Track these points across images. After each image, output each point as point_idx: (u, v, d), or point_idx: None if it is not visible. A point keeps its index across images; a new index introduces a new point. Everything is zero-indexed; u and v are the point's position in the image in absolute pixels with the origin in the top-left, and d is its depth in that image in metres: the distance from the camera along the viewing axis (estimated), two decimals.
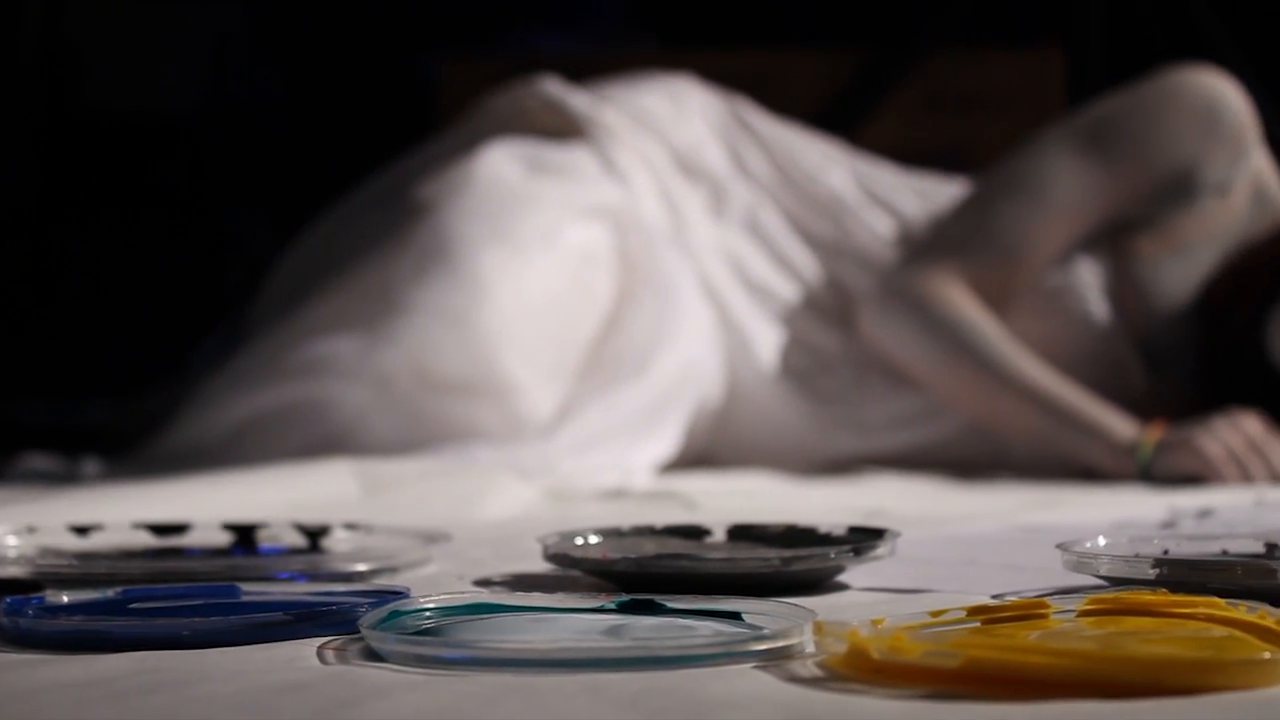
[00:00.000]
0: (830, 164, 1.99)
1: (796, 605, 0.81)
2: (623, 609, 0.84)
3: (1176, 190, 1.85)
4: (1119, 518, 1.38)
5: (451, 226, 1.71)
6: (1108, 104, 1.89)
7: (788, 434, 1.90)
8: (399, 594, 0.87)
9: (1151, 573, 0.88)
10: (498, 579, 1.01)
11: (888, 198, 1.97)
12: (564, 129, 1.89)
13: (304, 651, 0.77)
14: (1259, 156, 1.89)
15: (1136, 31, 2.47)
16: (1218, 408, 1.78)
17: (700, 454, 1.88)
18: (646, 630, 0.81)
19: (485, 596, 0.87)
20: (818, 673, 0.73)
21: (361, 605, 0.83)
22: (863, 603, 0.92)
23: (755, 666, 0.74)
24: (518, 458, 1.61)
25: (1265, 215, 1.87)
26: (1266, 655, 0.69)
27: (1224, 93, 1.86)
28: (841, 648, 0.72)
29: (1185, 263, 1.85)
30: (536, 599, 0.87)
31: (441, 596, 0.84)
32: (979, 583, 0.98)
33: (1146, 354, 1.87)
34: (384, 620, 0.79)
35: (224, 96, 3.25)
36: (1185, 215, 1.85)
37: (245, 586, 0.89)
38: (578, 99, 1.91)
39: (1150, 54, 1.95)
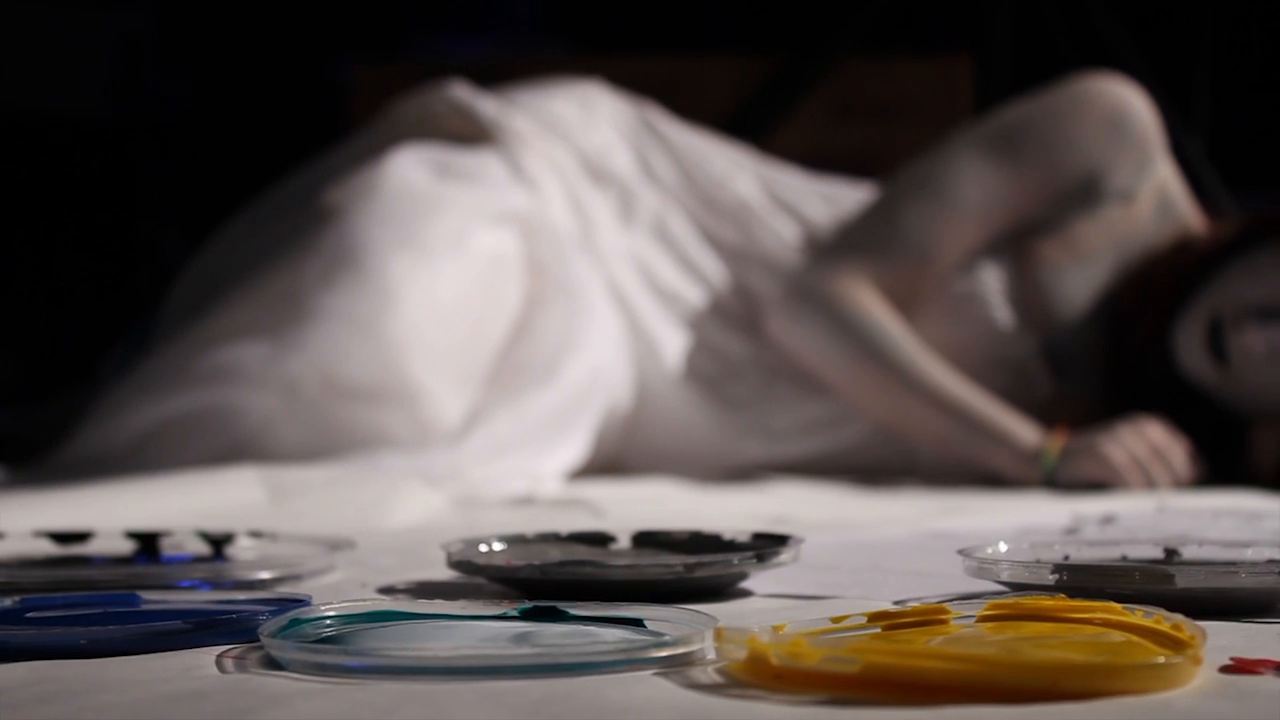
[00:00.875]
0: (738, 170, 1.99)
1: (698, 612, 0.81)
2: (525, 616, 0.84)
3: (1082, 196, 1.87)
4: (1023, 524, 1.38)
5: (359, 232, 1.70)
6: (1017, 109, 1.91)
7: (696, 440, 1.90)
8: (300, 602, 0.87)
9: (1051, 578, 0.89)
10: (401, 586, 1.00)
11: (794, 203, 1.97)
12: (473, 134, 1.89)
13: (203, 660, 0.77)
14: (1164, 165, 1.91)
15: (1043, 40, 2.49)
16: (1123, 414, 1.80)
17: (609, 460, 1.88)
18: (548, 637, 0.80)
19: (387, 604, 0.86)
20: (718, 679, 0.73)
21: (262, 613, 0.82)
22: (766, 609, 0.93)
23: (656, 673, 0.74)
24: (425, 465, 1.60)
25: (1170, 223, 1.89)
26: (1161, 659, 0.69)
27: (1131, 101, 1.87)
28: (741, 654, 0.72)
29: (1089, 269, 1.87)
30: (439, 606, 0.86)
31: (343, 604, 0.84)
32: (882, 589, 0.99)
33: (1051, 359, 1.88)
34: (284, 628, 0.79)
35: (134, 100, 3.22)
36: (1090, 222, 1.87)
37: (146, 595, 0.89)
38: (486, 104, 1.91)
39: (1056, 62, 1.96)
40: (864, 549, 1.19)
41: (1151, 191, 1.89)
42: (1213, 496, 1.67)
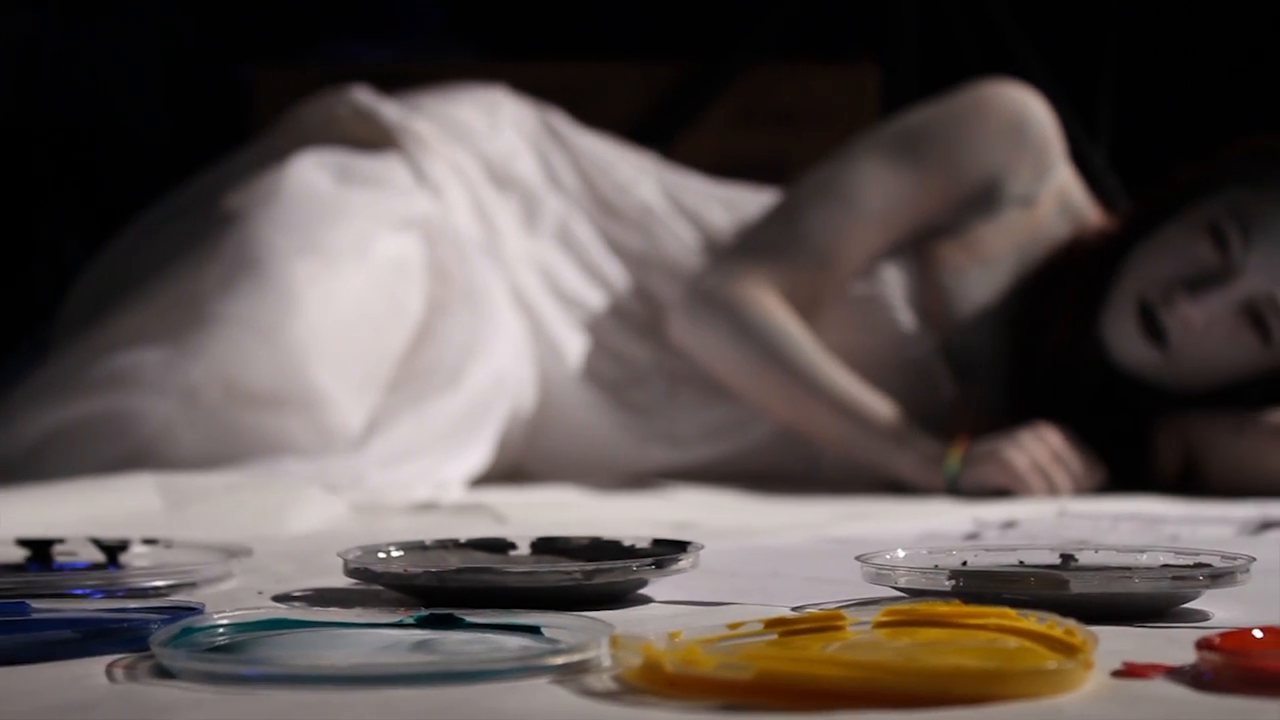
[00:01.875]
0: (640, 176, 1.99)
1: (595, 619, 0.81)
2: (421, 624, 0.84)
3: (983, 200, 1.88)
4: (925, 529, 1.39)
5: (260, 237, 1.69)
6: (918, 114, 1.92)
7: (599, 445, 1.90)
8: (193, 610, 0.86)
9: (947, 584, 0.89)
10: (298, 594, 1.00)
11: (697, 209, 1.97)
12: (376, 139, 1.88)
13: (93, 670, 0.76)
14: (1064, 171, 1.92)
15: (948, 48, 2.51)
16: (1028, 417, 1.81)
17: (512, 466, 1.88)
18: (446, 645, 0.80)
19: (282, 612, 0.85)
20: (613, 686, 0.73)
21: (154, 622, 0.81)
22: (664, 615, 0.92)
23: (552, 681, 0.73)
24: (327, 471, 1.59)
25: (1071, 225, 1.90)
26: (1052, 665, 0.70)
27: (1031, 106, 1.89)
28: (636, 661, 0.72)
29: (990, 272, 1.88)
30: (334, 614, 0.86)
31: (236, 612, 0.83)
32: (781, 595, 0.99)
33: (953, 362, 1.89)
34: (175, 637, 0.78)
35: (32, 102, 3.19)
36: (991, 225, 1.88)
37: (37, 604, 0.88)
38: (389, 109, 1.90)
39: (962, 70, 1.98)
40: (764, 555, 1.19)
41: (1052, 195, 1.90)
42: (1114, 501, 1.68)
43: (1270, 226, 1.72)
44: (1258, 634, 0.77)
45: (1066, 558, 0.98)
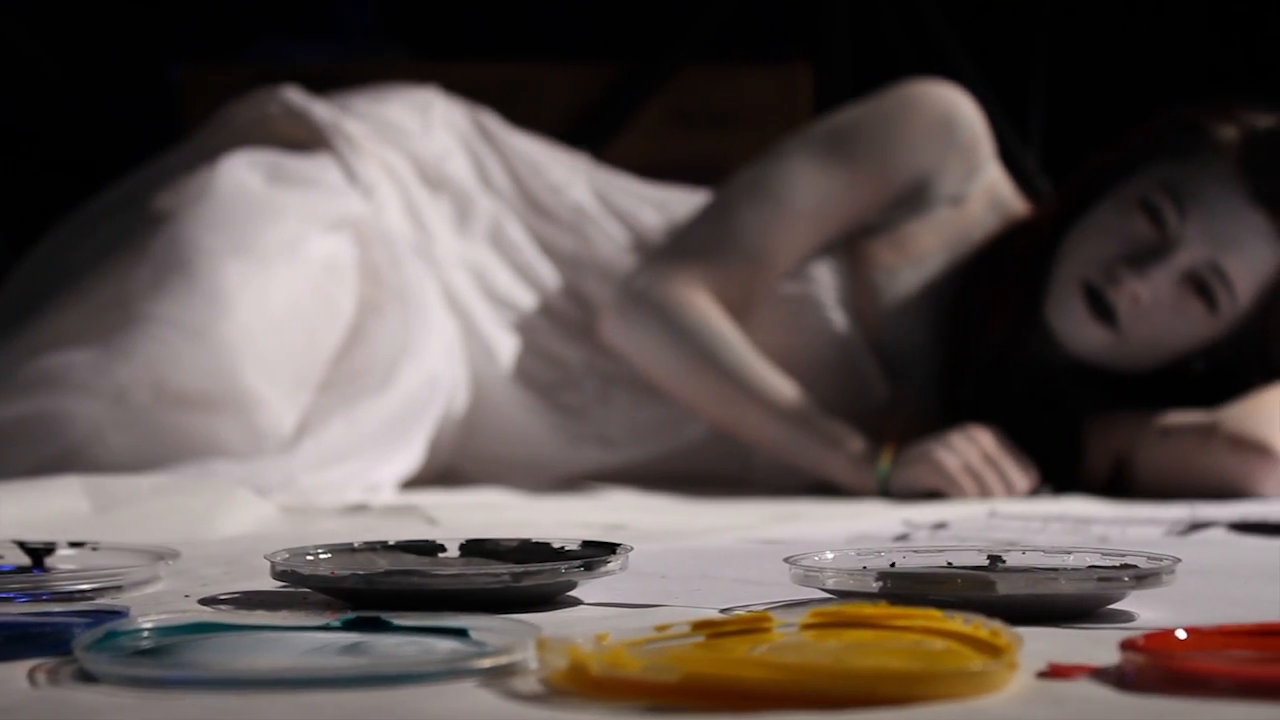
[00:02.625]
0: (573, 177, 1.99)
1: (522, 621, 0.81)
2: (348, 627, 0.83)
3: (913, 198, 1.89)
4: (856, 531, 1.39)
5: (190, 237, 1.68)
6: (847, 113, 1.92)
7: (532, 447, 1.89)
8: (118, 614, 0.85)
9: (875, 586, 0.89)
10: (225, 597, 0.99)
11: (628, 211, 1.97)
12: (307, 139, 1.87)
13: (14, 674, 0.75)
14: (994, 169, 1.93)
15: (881, 49, 2.52)
16: (960, 417, 1.81)
17: (444, 468, 1.87)
18: (371, 648, 0.80)
19: (208, 616, 0.85)
20: (539, 689, 0.73)
21: (77, 626, 0.81)
22: (593, 617, 0.92)
23: (478, 683, 0.73)
24: (257, 473, 1.58)
25: (1002, 221, 1.91)
26: (977, 666, 0.70)
27: (960, 104, 1.89)
28: (563, 663, 0.72)
29: (922, 270, 1.88)
30: (260, 618, 0.85)
31: (161, 616, 0.83)
32: (710, 597, 0.99)
33: (885, 363, 1.89)
34: (99, 641, 0.77)
35: None
36: (921, 223, 1.89)
37: None
38: (321, 109, 1.89)
39: (894, 71, 1.98)
40: (694, 557, 1.19)
41: (982, 193, 1.91)
42: (1045, 503, 1.69)
43: (1202, 194, 1.73)
44: (1181, 635, 0.77)
45: (994, 559, 0.98)
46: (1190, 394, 1.83)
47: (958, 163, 1.89)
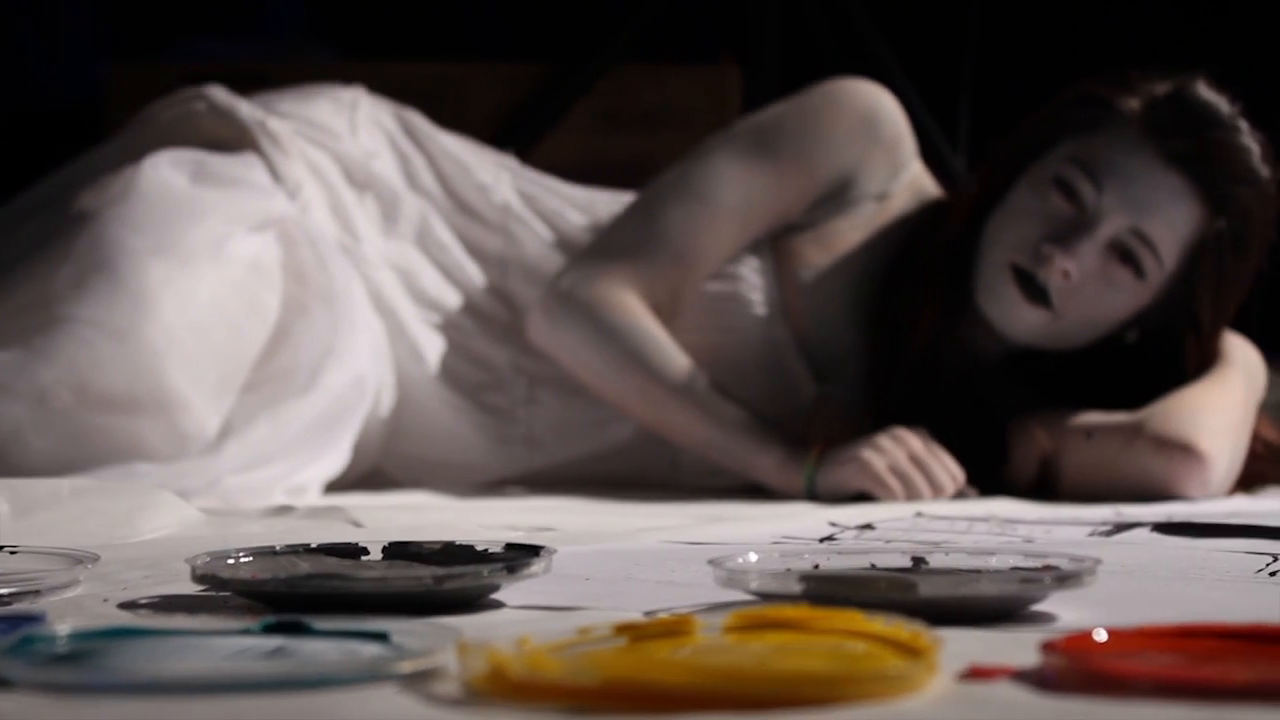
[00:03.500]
0: (499, 178, 1.99)
1: (443, 625, 0.81)
2: (268, 631, 0.83)
3: (838, 196, 1.89)
4: (782, 533, 1.39)
5: (114, 237, 1.66)
6: (772, 110, 1.93)
7: (459, 449, 1.89)
8: (35, 619, 0.85)
9: (798, 588, 0.89)
10: (145, 601, 0.98)
11: (555, 211, 1.97)
12: (233, 139, 1.86)
13: None
14: (918, 166, 1.94)
15: (809, 50, 2.52)
16: (887, 416, 1.82)
17: (370, 470, 1.86)
18: (291, 652, 0.79)
19: (126, 620, 0.84)
20: (460, 693, 0.72)
21: None
22: (516, 621, 0.92)
23: (398, 687, 0.73)
24: (181, 475, 1.57)
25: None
26: (895, 668, 0.70)
27: (883, 100, 1.90)
28: (483, 667, 0.72)
29: (847, 269, 1.89)
30: (179, 622, 0.85)
31: (79, 621, 0.82)
32: (634, 599, 0.99)
33: (812, 362, 1.90)
34: (16, 647, 0.77)
35: None
36: (846, 221, 1.89)
37: None
38: (247, 108, 1.88)
39: (822, 73, 1.98)
40: (619, 559, 1.19)
41: (906, 189, 1.92)
42: (971, 504, 1.70)
43: (1114, 164, 1.75)
44: (1101, 636, 0.78)
45: (918, 561, 0.98)
46: (1117, 391, 1.84)
47: (882, 159, 1.89)
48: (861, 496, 1.73)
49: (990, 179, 1.83)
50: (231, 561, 0.99)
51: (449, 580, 0.93)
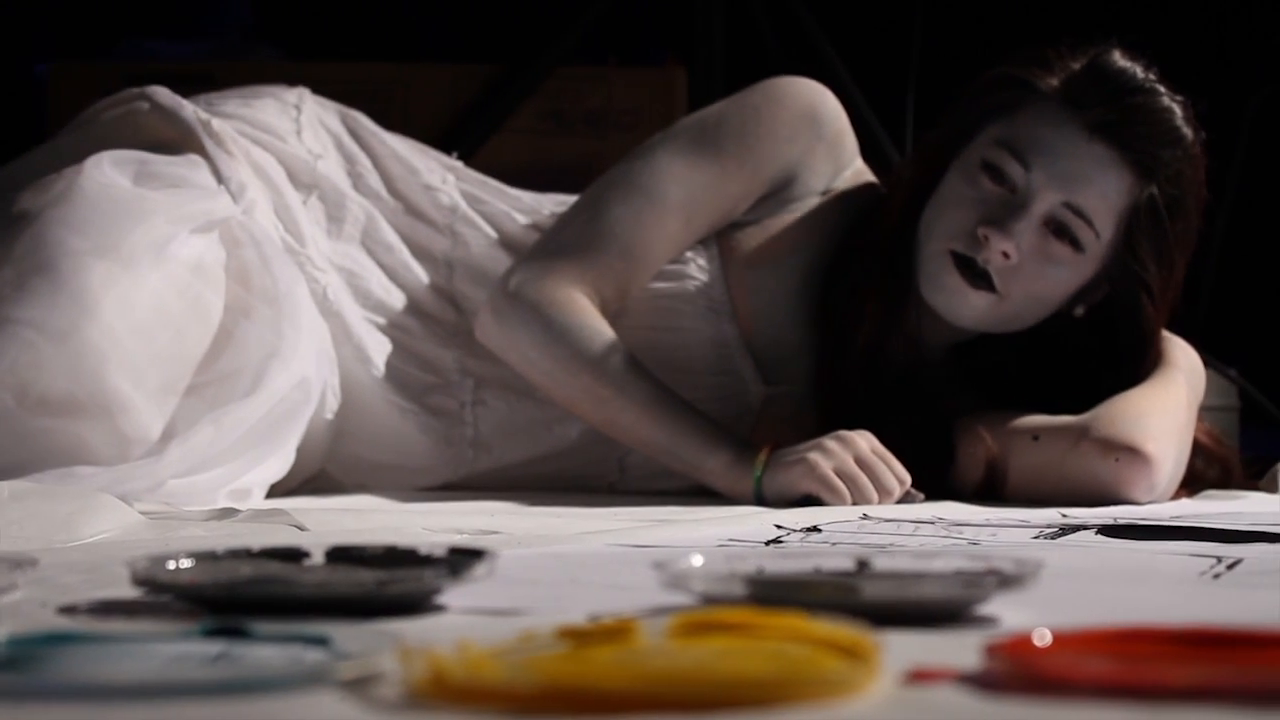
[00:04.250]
0: (445, 179, 1.98)
1: (385, 629, 0.80)
2: (209, 635, 0.82)
3: (783, 192, 1.89)
4: (728, 536, 1.39)
5: (55, 238, 1.65)
6: (714, 108, 1.93)
7: (405, 451, 1.88)
8: None
9: (742, 591, 0.89)
10: (85, 606, 0.97)
11: (500, 213, 1.96)
12: (176, 139, 1.84)
13: None
14: (859, 164, 1.94)
15: (755, 52, 2.52)
16: (835, 416, 1.82)
17: (317, 473, 1.86)
18: (231, 657, 0.79)
19: (65, 625, 0.84)
20: (401, 698, 0.72)
21: None
22: (458, 624, 0.92)
23: (339, 692, 0.73)
24: (123, 478, 1.55)
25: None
26: (837, 672, 0.70)
27: (824, 97, 1.91)
28: (424, 671, 0.71)
29: (793, 267, 1.89)
30: (119, 627, 0.84)
31: (17, 626, 0.81)
32: (578, 603, 0.98)
33: (760, 361, 1.90)
34: None
35: None
36: (792, 218, 1.89)
37: None
38: (190, 108, 1.87)
39: (767, 74, 1.98)
40: (564, 562, 1.19)
41: (848, 184, 1.92)
42: (918, 507, 1.70)
43: (1040, 142, 1.76)
44: (1044, 638, 0.78)
45: (862, 564, 0.98)
46: (1065, 388, 1.85)
47: (824, 155, 1.90)
48: (808, 500, 1.73)
49: (921, 170, 1.84)
50: (172, 565, 0.98)
51: (391, 584, 0.92)
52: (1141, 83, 1.77)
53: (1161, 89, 1.78)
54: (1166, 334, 1.88)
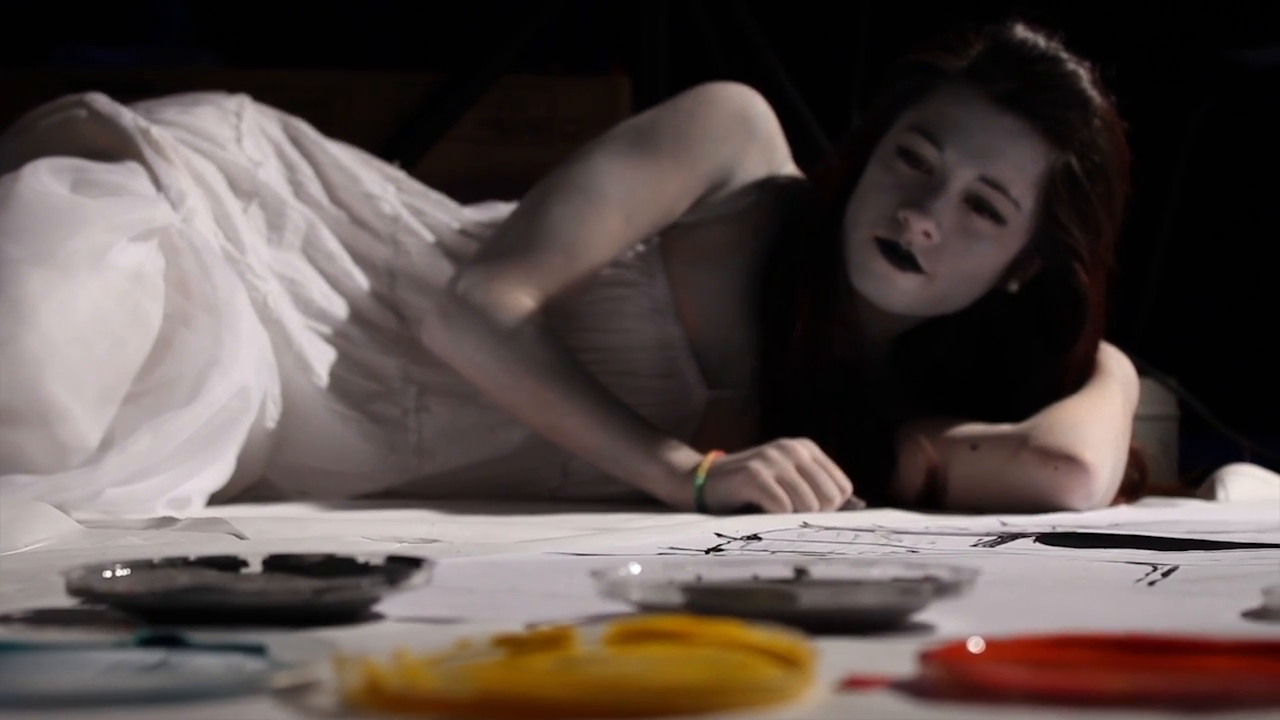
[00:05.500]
0: (386, 188, 1.98)
1: (321, 637, 0.80)
2: (144, 644, 0.82)
3: (720, 192, 1.90)
4: (669, 544, 1.39)
5: None
6: (650, 112, 1.96)
7: (347, 459, 1.87)
8: None
9: (679, 599, 0.89)
10: (19, 615, 0.97)
11: (444, 223, 1.96)
12: (115, 147, 1.84)
13: None
14: (792, 168, 1.95)
15: (699, 61, 2.53)
16: (777, 420, 1.83)
17: (257, 481, 1.85)
18: (167, 666, 0.78)
19: (0, 635, 0.83)
20: (336, 706, 0.72)
21: None
22: (396, 633, 0.92)
23: (273, 701, 0.72)
24: (61, 487, 1.55)
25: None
26: (772, 679, 0.70)
27: (755, 100, 1.93)
28: (359, 680, 0.71)
29: (733, 268, 1.90)
30: (54, 636, 0.84)
31: None
32: (516, 611, 0.98)
33: (704, 362, 1.90)
34: None
35: None
36: (729, 217, 1.90)
37: None
38: (129, 116, 1.86)
39: (711, 81, 1.99)
40: (504, 571, 1.19)
41: (783, 181, 1.93)
42: (858, 515, 1.70)
43: (950, 122, 1.78)
44: (977, 645, 0.78)
45: (800, 572, 0.98)
46: (1007, 374, 1.86)
47: (758, 156, 1.91)
48: (750, 508, 1.73)
49: (844, 162, 1.86)
50: (108, 574, 0.98)
51: (328, 593, 0.92)
52: (1045, 51, 1.80)
53: (1065, 55, 1.81)
54: (1102, 344, 1.89)
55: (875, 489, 1.82)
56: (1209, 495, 2.01)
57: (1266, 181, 3.32)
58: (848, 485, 1.76)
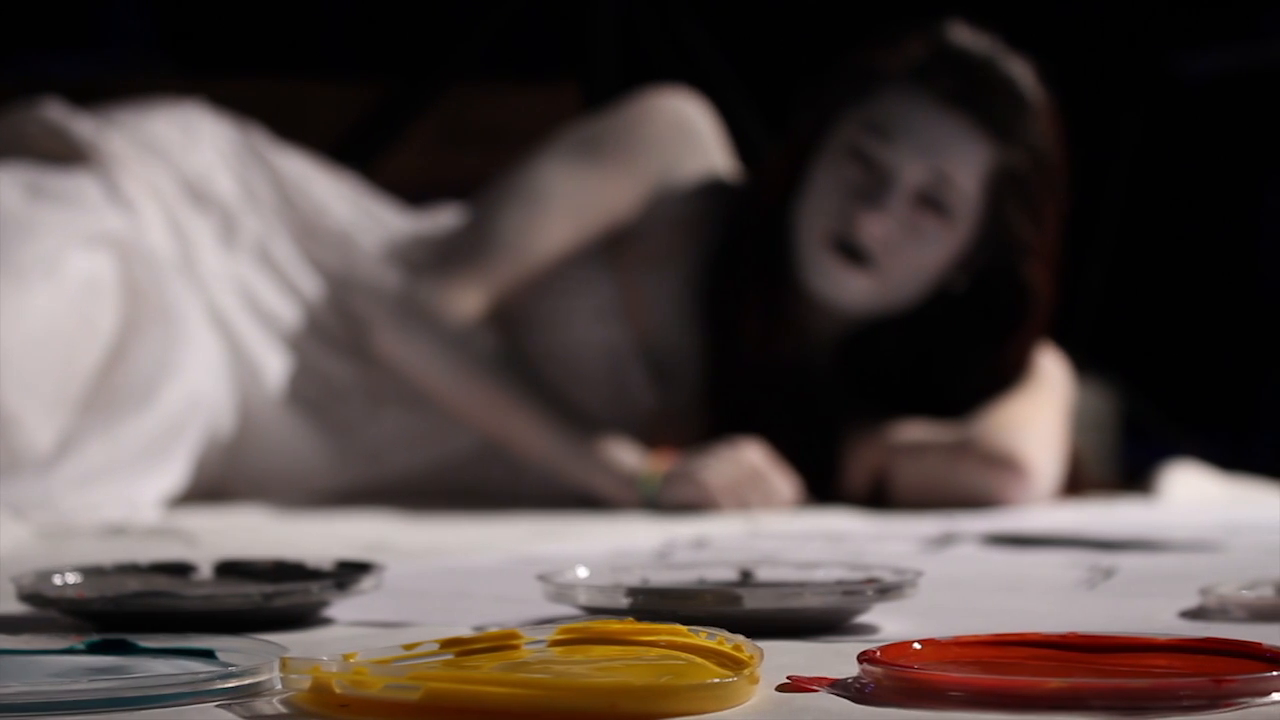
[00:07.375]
0: (338, 195, 1.98)
1: (268, 641, 0.81)
2: (93, 649, 0.83)
3: (664, 196, 1.92)
4: (617, 547, 1.40)
5: None
6: (592, 120, 1.98)
7: (301, 464, 1.88)
8: None
9: (625, 601, 0.90)
10: None
11: (395, 231, 1.97)
12: (68, 155, 1.84)
13: None
14: (736, 174, 1.97)
15: (648, 70, 2.54)
16: (726, 423, 1.84)
17: (212, 487, 1.85)
18: (116, 671, 0.79)
19: None
20: (283, 710, 0.72)
21: None
22: (344, 637, 0.92)
23: (220, 705, 0.73)
24: (13, 493, 1.55)
25: None
26: (716, 680, 0.71)
27: (693, 106, 1.96)
28: (305, 683, 0.72)
29: (681, 272, 1.91)
30: (2, 642, 0.84)
31: None
32: (465, 614, 0.99)
33: (652, 367, 1.92)
34: None
35: None
36: (674, 220, 1.92)
37: None
38: (81, 124, 1.86)
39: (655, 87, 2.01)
40: (453, 574, 1.19)
41: (726, 184, 1.95)
42: (807, 518, 1.72)
43: (898, 120, 1.80)
44: (917, 646, 0.79)
45: (745, 574, 1.00)
46: (954, 374, 1.88)
47: (701, 160, 1.93)
48: (698, 509, 1.74)
49: (786, 166, 1.87)
50: (58, 580, 0.98)
51: (278, 597, 0.93)
52: (985, 50, 1.83)
53: (1005, 54, 1.83)
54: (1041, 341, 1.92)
55: (822, 490, 1.83)
56: (1150, 494, 2.03)
57: (1204, 184, 3.36)
58: (795, 488, 1.78)
